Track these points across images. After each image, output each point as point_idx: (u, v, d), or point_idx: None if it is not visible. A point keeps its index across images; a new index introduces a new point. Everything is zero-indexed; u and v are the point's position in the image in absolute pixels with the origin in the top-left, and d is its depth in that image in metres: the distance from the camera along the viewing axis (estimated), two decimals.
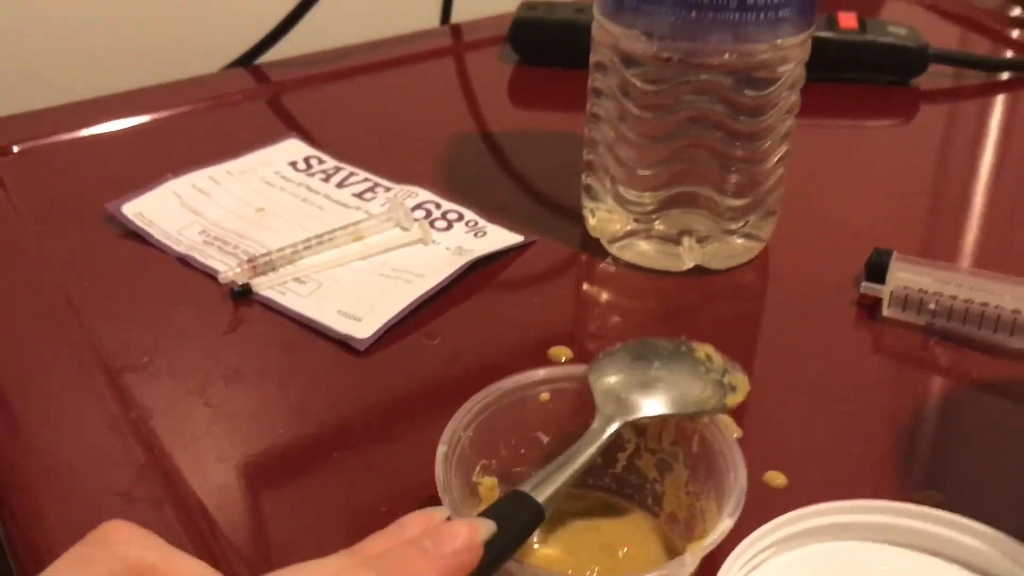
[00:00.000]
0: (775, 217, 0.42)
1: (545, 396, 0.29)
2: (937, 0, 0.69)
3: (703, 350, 0.30)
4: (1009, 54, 0.62)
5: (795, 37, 0.37)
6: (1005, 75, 0.59)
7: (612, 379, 0.29)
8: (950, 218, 0.47)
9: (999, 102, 0.57)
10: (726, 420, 0.29)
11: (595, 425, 0.28)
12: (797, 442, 0.33)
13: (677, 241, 0.40)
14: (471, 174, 0.48)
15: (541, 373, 0.29)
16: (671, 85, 0.37)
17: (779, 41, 0.37)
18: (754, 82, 0.37)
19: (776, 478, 0.31)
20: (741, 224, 0.40)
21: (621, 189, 0.40)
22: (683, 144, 0.38)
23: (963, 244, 0.44)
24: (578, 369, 0.29)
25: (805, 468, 0.32)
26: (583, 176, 0.42)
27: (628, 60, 0.38)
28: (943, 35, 0.64)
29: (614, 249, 0.42)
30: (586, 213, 0.43)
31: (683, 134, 0.38)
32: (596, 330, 0.39)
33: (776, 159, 0.40)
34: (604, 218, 0.42)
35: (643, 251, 0.41)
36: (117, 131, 0.50)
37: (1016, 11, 0.67)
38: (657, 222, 0.40)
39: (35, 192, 0.45)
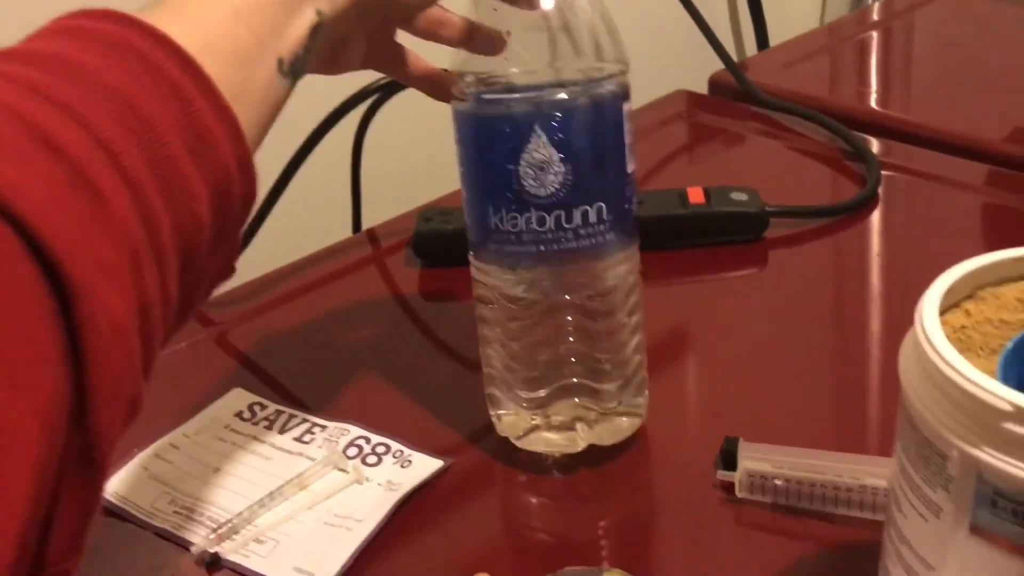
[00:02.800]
0: (645, 393, 0.50)
1: None
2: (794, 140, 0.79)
3: None
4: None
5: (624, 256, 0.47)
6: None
7: None
8: (801, 377, 0.56)
9: (839, 240, 0.67)
10: None
11: None
12: None
13: (572, 427, 0.49)
14: (394, 393, 0.56)
15: None
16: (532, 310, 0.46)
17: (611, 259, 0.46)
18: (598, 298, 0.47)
19: None
20: (616, 405, 0.49)
21: (518, 392, 0.49)
22: (555, 349, 0.47)
23: (812, 411, 0.53)
24: None
25: None
26: (485, 387, 0.51)
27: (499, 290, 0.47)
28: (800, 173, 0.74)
29: (521, 444, 0.50)
30: (494, 419, 0.51)
31: (552, 341, 0.47)
32: (512, 549, 0.47)
33: (631, 348, 0.48)
34: (509, 420, 0.50)
35: (547, 439, 0.49)
36: None
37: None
38: (552, 415, 0.48)
39: None
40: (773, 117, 0.83)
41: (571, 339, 0.47)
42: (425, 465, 0.50)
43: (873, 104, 0.87)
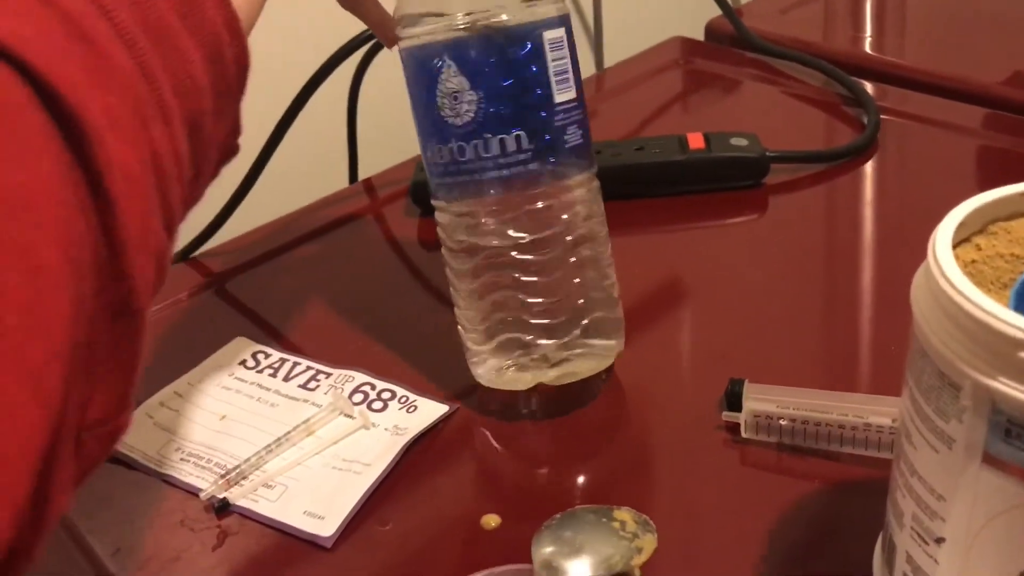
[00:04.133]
0: (615, 335, 0.50)
1: None
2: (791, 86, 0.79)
3: (620, 517, 0.40)
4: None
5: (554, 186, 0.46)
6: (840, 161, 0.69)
7: (547, 549, 0.38)
8: (802, 319, 0.56)
9: (838, 184, 0.67)
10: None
11: None
12: (685, 569, 0.42)
13: (533, 368, 0.48)
14: (397, 341, 0.56)
15: None
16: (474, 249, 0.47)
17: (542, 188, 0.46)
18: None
19: None
20: (569, 347, 0.48)
21: (466, 336, 0.49)
22: (498, 289, 0.47)
23: (813, 353, 0.54)
24: (504, 569, 0.38)
25: None
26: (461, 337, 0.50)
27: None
28: (799, 118, 0.73)
29: (491, 384, 0.50)
30: (472, 368, 0.51)
31: (496, 281, 0.47)
32: (520, 492, 0.47)
33: (576, 286, 0.47)
34: (474, 363, 0.50)
35: (514, 379, 0.49)
36: None
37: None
38: (511, 358, 0.48)
39: None
40: (770, 63, 0.83)
41: (514, 277, 0.47)
42: (431, 410, 0.50)
43: (868, 49, 0.86)
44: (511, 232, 0.46)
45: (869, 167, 0.69)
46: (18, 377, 0.24)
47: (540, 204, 0.46)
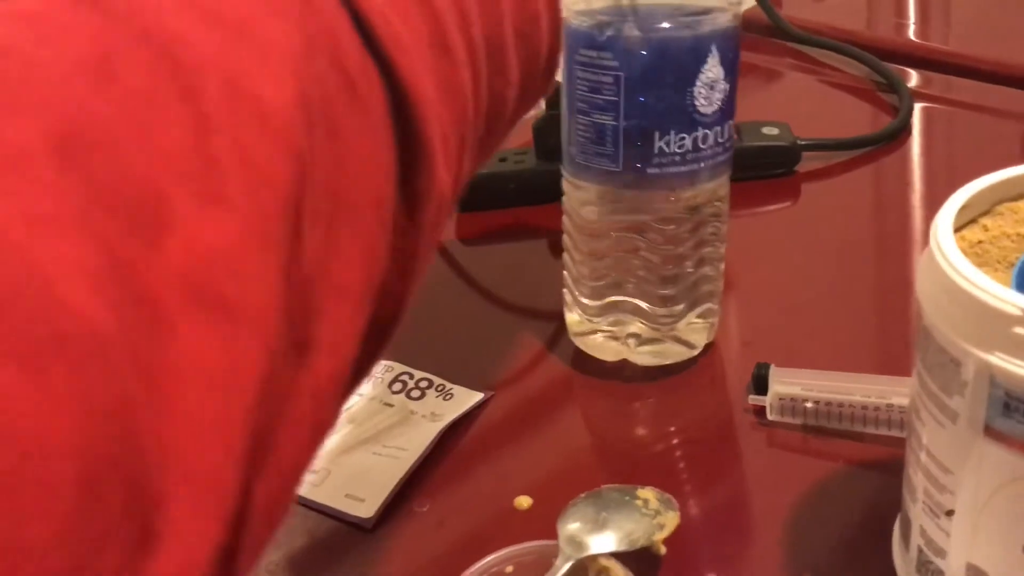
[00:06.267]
0: (705, 325, 0.52)
1: (509, 569, 0.39)
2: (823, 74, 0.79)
3: (643, 496, 0.41)
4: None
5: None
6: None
7: (572, 525, 0.40)
8: (832, 305, 0.57)
9: (870, 171, 0.68)
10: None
11: (557, 563, 0.38)
12: (709, 547, 0.43)
13: (623, 340, 0.51)
14: (434, 333, 0.58)
15: (502, 553, 0.39)
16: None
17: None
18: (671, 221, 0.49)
19: None
20: (667, 323, 0.51)
21: (573, 287, 0.52)
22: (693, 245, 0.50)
23: (842, 340, 0.55)
24: (530, 545, 0.39)
25: (715, 570, 0.42)
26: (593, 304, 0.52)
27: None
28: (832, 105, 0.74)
29: (579, 343, 0.53)
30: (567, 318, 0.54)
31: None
32: (551, 473, 0.49)
33: (697, 277, 0.50)
34: (573, 320, 0.53)
35: (600, 345, 0.52)
36: None
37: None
38: (608, 326, 0.51)
39: None
40: (806, 52, 0.83)
41: (640, 247, 0.49)
42: (466, 397, 0.52)
43: (912, 36, 0.86)
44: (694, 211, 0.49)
45: (902, 154, 0.69)
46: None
47: (722, 187, 0.50)
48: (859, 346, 0.54)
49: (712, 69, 0.46)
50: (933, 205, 0.64)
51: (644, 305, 0.50)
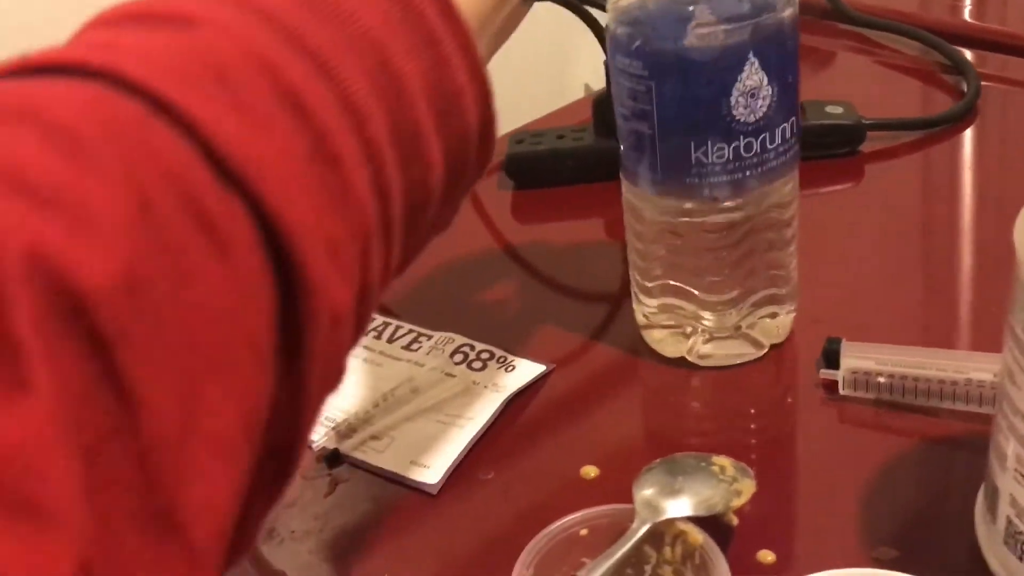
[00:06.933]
0: (774, 329, 0.50)
1: (584, 532, 0.39)
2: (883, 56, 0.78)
3: (719, 463, 0.40)
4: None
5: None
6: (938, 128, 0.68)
7: (648, 491, 0.39)
8: (900, 283, 0.56)
9: (936, 152, 0.67)
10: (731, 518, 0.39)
11: (634, 526, 0.38)
12: (781, 519, 0.43)
13: (684, 336, 0.50)
14: (492, 307, 0.58)
15: (577, 516, 0.39)
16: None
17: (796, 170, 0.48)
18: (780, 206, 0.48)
19: (766, 556, 0.40)
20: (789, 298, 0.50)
21: (637, 281, 0.50)
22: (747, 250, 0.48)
23: (911, 317, 0.53)
24: (604, 508, 0.39)
25: (788, 542, 0.41)
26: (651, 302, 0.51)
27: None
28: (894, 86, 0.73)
29: (645, 335, 0.51)
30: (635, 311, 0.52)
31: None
32: (618, 445, 0.48)
33: (794, 243, 0.50)
34: (638, 312, 0.51)
35: (659, 340, 0.51)
36: None
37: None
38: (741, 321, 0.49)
39: None
40: (864, 34, 0.82)
41: (752, 250, 0.48)
42: (528, 369, 0.52)
43: (967, 17, 0.85)
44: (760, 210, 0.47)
45: (968, 134, 0.68)
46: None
47: (788, 183, 0.48)
48: (927, 323, 0.53)
49: (751, 77, 0.43)
50: (1000, 185, 0.63)
51: (691, 307, 0.49)
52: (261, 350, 0.24)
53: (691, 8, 0.43)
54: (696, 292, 0.49)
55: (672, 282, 0.49)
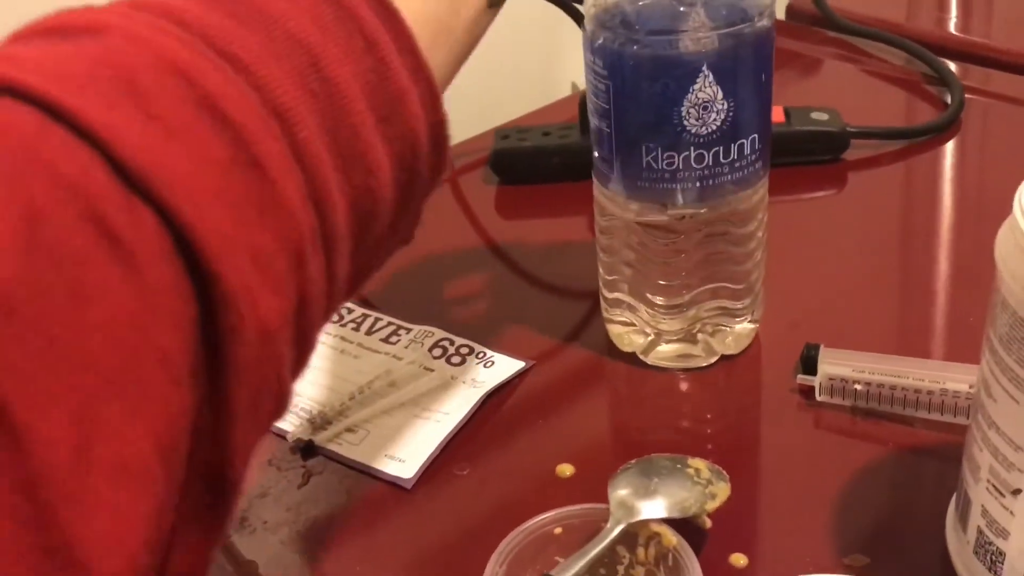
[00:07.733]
0: (728, 339, 0.51)
1: (558, 530, 0.39)
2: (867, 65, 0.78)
3: (695, 465, 0.40)
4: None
5: (764, 180, 0.48)
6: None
7: (623, 491, 0.39)
8: (879, 291, 0.56)
9: (918, 162, 0.67)
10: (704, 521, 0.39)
11: (608, 526, 0.38)
12: (754, 522, 0.43)
13: (692, 339, 0.49)
14: (472, 307, 0.58)
15: (552, 514, 0.39)
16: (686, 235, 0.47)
17: (758, 185, 0.47)
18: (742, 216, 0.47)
19: (739, 559, 0.40)
20: (746, 310, 0.50)
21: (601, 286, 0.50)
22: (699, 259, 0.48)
23: (889, 326, 0.54)
24: (579, 507, 0.39)
25: (761, 546, 0.41)
26: (604, 293, 0.51)
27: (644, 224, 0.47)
28: (876, 96, 0.73)
29: (610, 333, 0.51)
30: (608, 326, 0.52)
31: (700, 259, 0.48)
32: (594, 444, 0.48)
33: (758, 256, 0.49)
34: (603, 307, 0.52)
35: (665, 353, 0.50)
36: None
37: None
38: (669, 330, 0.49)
39: None
40: (852, 42, 0.82)
41: (705, 260, 0.48)
42: (507, 366, 0.52)
43: (952, 29, 0.85)
44: (717, 220, 0.47)
45: (951, 146, 0.68)
46: None
47: (752, 196, 0.47)
48: (905, 331, 0.54)
49: (704, 90, 0.43)
50: (980, 197, 0.64)
51: (643, 308, 0.49)
52: (176, 367, 0.23)
53: (650, 15, 0.43)
54: (648, 294, 0.49)
55: (627, 281, 0.49)
